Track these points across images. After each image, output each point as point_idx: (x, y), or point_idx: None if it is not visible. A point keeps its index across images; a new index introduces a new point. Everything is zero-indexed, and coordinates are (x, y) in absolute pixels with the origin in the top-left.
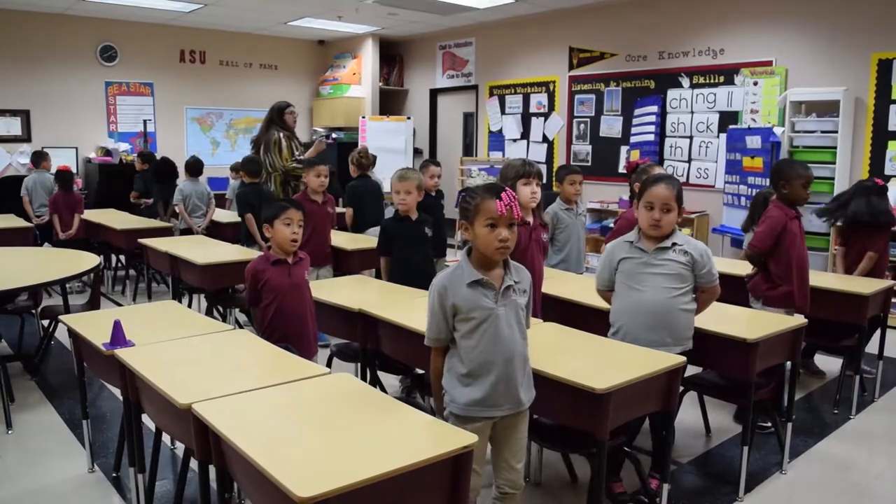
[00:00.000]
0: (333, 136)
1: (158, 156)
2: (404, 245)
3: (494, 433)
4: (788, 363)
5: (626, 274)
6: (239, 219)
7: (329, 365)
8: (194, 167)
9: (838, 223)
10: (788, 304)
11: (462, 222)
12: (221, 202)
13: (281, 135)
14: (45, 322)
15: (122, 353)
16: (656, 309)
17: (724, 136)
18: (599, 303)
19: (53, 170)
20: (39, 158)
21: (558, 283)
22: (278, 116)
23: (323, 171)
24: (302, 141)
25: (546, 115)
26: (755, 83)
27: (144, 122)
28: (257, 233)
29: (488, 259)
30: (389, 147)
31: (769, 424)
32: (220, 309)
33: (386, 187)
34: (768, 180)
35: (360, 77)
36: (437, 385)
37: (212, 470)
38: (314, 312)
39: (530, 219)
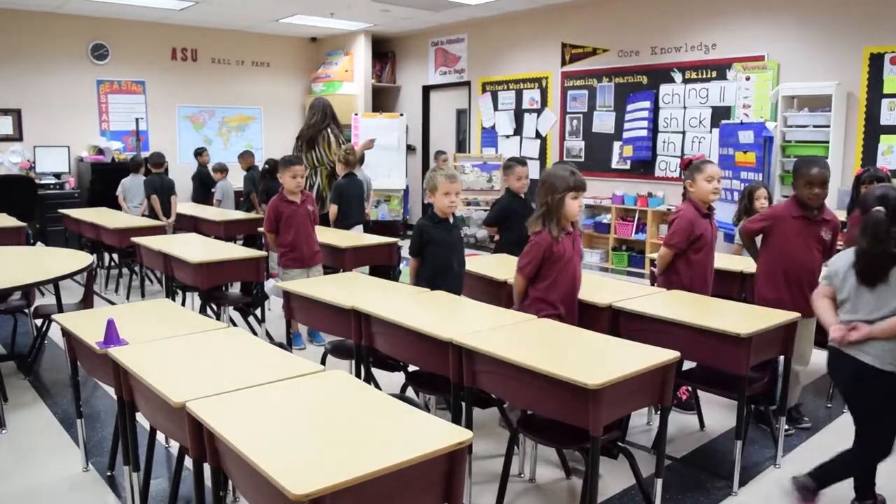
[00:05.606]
0: None
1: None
2: (444, 250)
3: None
4: (782, 358)
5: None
6: (195, 209)
7: (323, 362)
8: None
9: None
10: None
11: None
12: (210, 199)
13: (329, 130)
14: (39, 321)
15: (115, 351)
16: None
17: (716, 131)
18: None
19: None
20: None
21: None
22: (326, 113)
23: (298, 172)
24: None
25: (539, 111)
26: (747, 78)
27: (137, 120)
28: (160, 210)
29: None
30: (382, 144)
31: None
32: (214, 307)
33: (375, 184)
34: (760, 175)
35: (353, 74)
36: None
37: (206, 468)
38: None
39: (571, 229)
